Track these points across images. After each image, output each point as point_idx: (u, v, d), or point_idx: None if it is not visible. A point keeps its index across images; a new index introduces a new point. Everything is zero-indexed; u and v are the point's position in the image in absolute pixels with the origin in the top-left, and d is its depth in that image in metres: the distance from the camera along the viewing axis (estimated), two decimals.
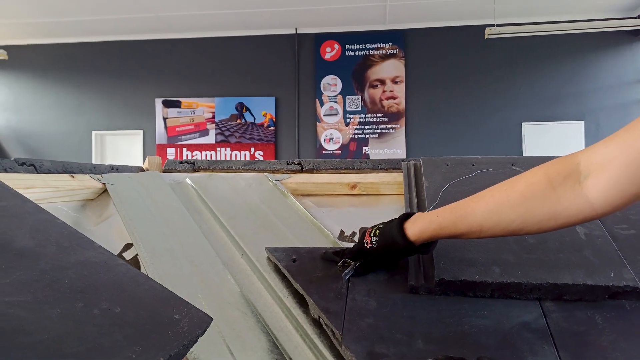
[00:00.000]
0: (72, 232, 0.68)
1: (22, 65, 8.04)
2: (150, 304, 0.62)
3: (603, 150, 0.62)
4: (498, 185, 0.77)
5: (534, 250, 0.93)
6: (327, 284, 0.96)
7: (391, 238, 0.87)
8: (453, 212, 0.79)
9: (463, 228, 0.77)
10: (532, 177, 0.71)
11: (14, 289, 0.52)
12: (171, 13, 6.90)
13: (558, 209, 0.67)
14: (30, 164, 1.04)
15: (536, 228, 0.70)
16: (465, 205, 0.78)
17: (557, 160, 0.70)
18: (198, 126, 7.77)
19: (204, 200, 1.34)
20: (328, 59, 7.55)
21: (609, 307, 0.81)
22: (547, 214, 0.68)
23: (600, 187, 0.61)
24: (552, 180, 0.68)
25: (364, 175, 1.43)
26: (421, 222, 0.84)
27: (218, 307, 0.92)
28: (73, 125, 7.96)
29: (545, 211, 0.68)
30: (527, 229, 0.72)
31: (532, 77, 6.97)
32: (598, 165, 0.62)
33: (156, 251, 1.00)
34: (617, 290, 0.82)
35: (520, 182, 0.73)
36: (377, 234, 0.91)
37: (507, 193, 0.73)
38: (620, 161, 0.58)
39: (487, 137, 7.04)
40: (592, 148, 0.65)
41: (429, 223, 0.82)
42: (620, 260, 0.87)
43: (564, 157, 0.69)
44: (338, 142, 7.50)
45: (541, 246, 0.94)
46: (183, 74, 7.75)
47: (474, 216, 0.76)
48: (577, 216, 0.66)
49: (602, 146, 0.62)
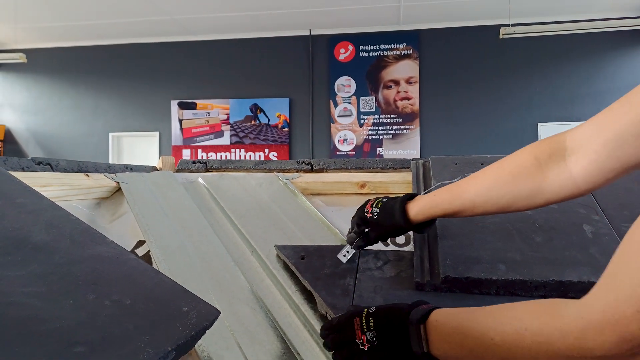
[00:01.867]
0: (86, 228, 0.71)
1: (40, 68, 8.21)
2: (159, 297, 0.65)
3: (587, 128, 0.64)
4: (490, 166, 0.79)
5: (540, 248, 0.93)
6: (335, 281, 0.98)
7: (391, 214, 0.88)
8: (449, 191, 0.83)
9: (457, 205, 0.80)
10: (521, 156, 0.74)
11: (29, 280, 0.54)
12: (187, 16, 6.98)
13: (543, 185, 0.70)
14: (46, 163, 1.07)
15: (524, 204, 0.74)
16: (461, 184, 0.82)
17: (544, 140, 0.73)
18: (213, 127, 7.84)
19: (216, 199, 1.37)
20: (342, 60, 7.56)
21: None
22: (533, 190, 0.71)
23: (582, 164, 0.64)
24: (538, 157, 0.71)
25: (373, 175, 1.44)
26: (421, 202, 0.86)
27: (228, 303, 0.94)
28: (90, 127, 8.10)
29: (531, 187, 0.71)
30: (516, 205, 0.75)
31: (548, 77, 6.89)
32: (581, 143, 0.65)
33: (168, 248, 1.03)
34: None
35: (509, 160, 0.76)
36: (379, 206, 0.92)
37: (497, 172, 0.76)
38: (600, 139, 0.61)
39: (503, 137, 6.97)
40: (577, 127, 0.67)
41: (427, 202, 0.85)
42: None
43: (552, 136, 0.72)
44: (352, 143, 7.50)
45: (547, 244, 0.94)
46: (198, 76, 7.83)
47: (467, 193, 0.79)
48: (560, 192, 0.69)
49: (586, 125, 0.65)
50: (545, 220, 1.04)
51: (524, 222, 1.04)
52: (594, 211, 1.06)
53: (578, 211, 1.06)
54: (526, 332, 0.52)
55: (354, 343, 0.68)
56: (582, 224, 1.03)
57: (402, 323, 0.65)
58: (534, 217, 1.05)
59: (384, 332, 0.66)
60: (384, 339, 0.66)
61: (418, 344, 0.63)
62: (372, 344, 0.66)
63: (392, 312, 0.68)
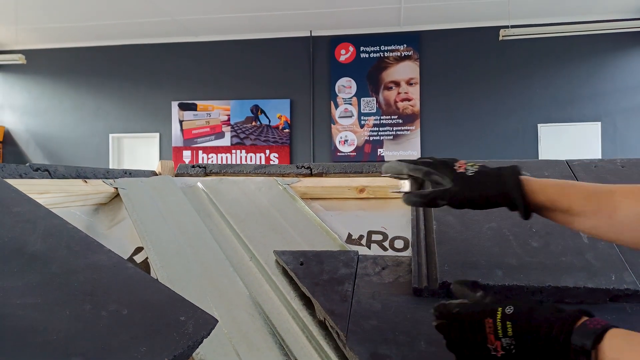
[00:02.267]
0: (83, 237, 0.71)
1: (41, 70, 8.22)
2: (156, 306, 0.65)
3: None
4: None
5: (537, 253, 0.93)
6: (333, 287, 0.98)
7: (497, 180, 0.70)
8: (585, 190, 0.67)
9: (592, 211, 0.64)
10: None
11: (26, 291, 0.54)
12: (187, 17, 6.99)
13: None
14: (44, 170, 1.08)
15: None
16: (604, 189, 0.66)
17: None
18: (214, 129, 7.85)
19: (215, 203, 1.37)
20: (343, 61, 7.57)
21: (610, 309, 0.81)
22: None
23: None
24: None
25: (372, 179, 1.44)
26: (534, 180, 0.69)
27: (226, 309, 0.94)
28: (91, 128, 8.12)
29: None
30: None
31: (548, 78, 6.89)
32: None
33: (166, 254, 1.03)
34: (618, 293, 0.82)
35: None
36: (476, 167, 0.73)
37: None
38: None
39: (503, 138, 6.98)
40: None
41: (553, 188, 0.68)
42: (621, 264, 0.87)
43: None
44: (353, 144, 7.51)
45: (544, 249, 0.94)
46: (199, 77, 7.85)
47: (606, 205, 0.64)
48: None
49: None
50: (542, 226, 1.04)
51: (521, 227, 1.04)
52: None
53: None
54: None
55: (484, 347, 0.56)
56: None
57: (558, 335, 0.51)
58: (531, 222, 1.05)
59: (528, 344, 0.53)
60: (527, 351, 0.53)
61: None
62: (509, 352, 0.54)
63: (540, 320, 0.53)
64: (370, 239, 1.23)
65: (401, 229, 1.24)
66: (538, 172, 1.21)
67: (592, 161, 1.23)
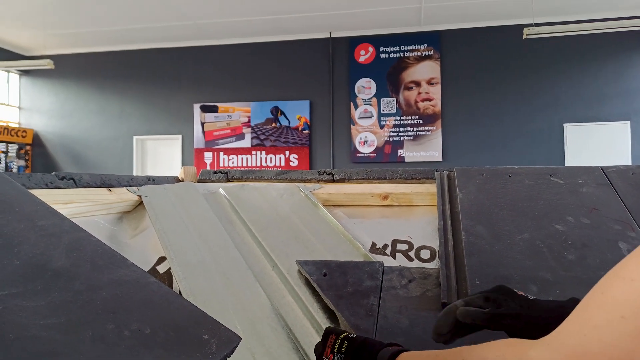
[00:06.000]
0: (107, 250, 0.70)
1: (68, 74, 8.39)
2: (179, 324, 0.63)
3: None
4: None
5: (573, 267, 0.89)
6: (358, 300, 0.95)
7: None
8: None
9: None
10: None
11: (49, 311, 0.53)
12: (209, 20, 7.04)
13: None
14: (69, 178, 1.08)
15: None
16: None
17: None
18: (234, 130, 7.89)
19: (237, 210, 1.35)
20: (362, 62, 7.52)
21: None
22: None
23: None
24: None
25: (396, 186, 1.41)
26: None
27: (249, 322, 0.92)
28: (115, 130, 8.24)
29: None
30: None
31: (574, 76, 6.73)
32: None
33: (189, 265, 1.02)
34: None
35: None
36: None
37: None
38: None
39: (527, 139, 6.83)
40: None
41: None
42: None
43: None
44: (373, 144, 7.45)
45: (580, 263, 0.90)
46: (220, 79, 7.90)
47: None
48: None
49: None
50: (578, 237, 0.99)
51: (555, 238, 0.99)
52: (630, 227, 1.02)
53: (613, 227, 1.02)
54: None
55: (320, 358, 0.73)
56: (618, 240, 0.98)
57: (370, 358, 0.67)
58: (566, 233, 1.01)
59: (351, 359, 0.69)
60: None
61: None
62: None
63: (366, 344, 0.70)
64: (395, 248, 1.20)
65: (427, 238, 1.20)
66: (572, 179, 1.16)
67: (629, 168, 1.18)
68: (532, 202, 1.13)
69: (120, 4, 6.42)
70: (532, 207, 1.10)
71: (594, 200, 1.09)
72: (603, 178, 1.16)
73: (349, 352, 0.70)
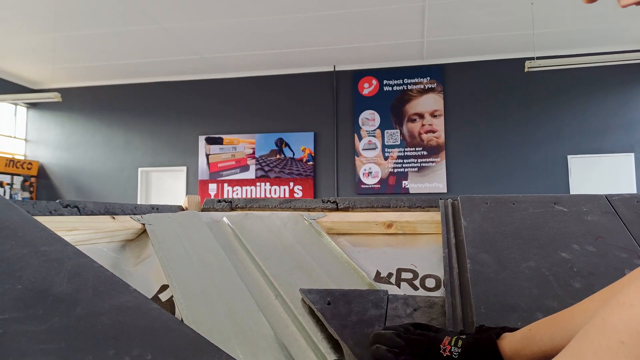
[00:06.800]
0: (109, 276, 0.70)
1: (74, 106, 8.53)
2: (181, 351, 0.62)
3: None
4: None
5: (580, 295, 0.88)
6: (362, 329, 0.94)
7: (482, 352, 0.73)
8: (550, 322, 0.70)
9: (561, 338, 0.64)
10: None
11: (49, 336, 0.53)
12: (215, 54, 7.20)
13: None
14: (74, 206, 1.08)
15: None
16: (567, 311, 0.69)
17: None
18: (239, 162, 7.95)
19: (240, 239, 1.35)
20: (366, 95, 7.63)
21: None
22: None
23: None
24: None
25: (400, 214, 1.41)
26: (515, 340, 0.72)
27: (251, 353, 0.91)
28: (121, 162, 8.32)
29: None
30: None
31: (577, 108, 6.78)
32: None
33: (191, 294, 1.01)
34: None
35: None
36: (459, 345, 0.76)
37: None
38: None
39: (532, 171, 6.84)
40: None
41: (522, 339, 0.71)
42: None
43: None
44: (377, 176, 7.47)
45: (587, 291, 0.88)
46: (225, 111, 8.01)
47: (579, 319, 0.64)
48: None
49: None
50: (584, 265, 0.98)
51: (561, 266, 0.98)
52: (636, 255, 1.01)
53: (619, 255, 1.01)
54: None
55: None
56: (624, 268, 0.97)
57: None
58: (572, 261, 1.00)
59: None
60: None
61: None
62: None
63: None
64: (399, 277, 1.19)
65: (432, 267, 1.19)
66: (576, 207, 1.16)
67: (633, 196, 1.17)
68: (537, 230, 1.12)
69: (128, 39, 6.59)
70: (537, 235, 1.10)
71: (599, 228, 1.09)
72: (608, 206, 1.16)
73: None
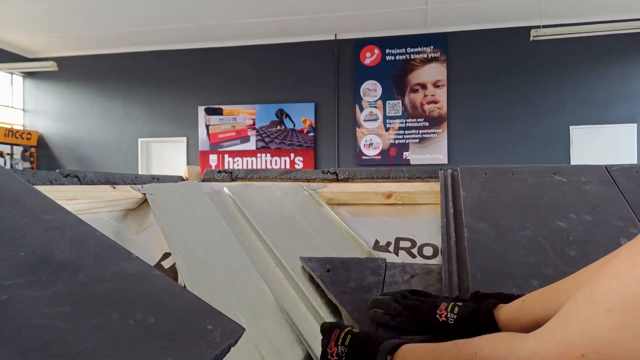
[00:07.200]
0: (111, 244, 0.71)
1: (72, 76, 8.44)
2: (183, 315, 0.64)
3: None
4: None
5: (575, 262, 0.89)
6: (361, 295, 0.96)
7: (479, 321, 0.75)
8: (543, 294, 0.72)
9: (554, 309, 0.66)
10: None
11: (53, 301, 0.54)
12: (214, 22, 7.07)
13: None
14: (74, 176, 1.09)
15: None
16: (560, 283, 0.71)
17: None
18: (239, 133, 7.92)
19: (241, 209, 1.36)
20: (368, 64, 7.53)
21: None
22: None
23: None
24: None
25: (400, 185, 1.41)
26: (511, 310, 0.75)
27: (252, 317, 0.93)
28: (120, 133, 8.29)
29: None
30: None
31: (581, 79, 6.70)
32: None
33: (193, 261, 1.03)
34: None
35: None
36: (455, 311, 0.79)
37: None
38: None
39: (533, 141, 6.81)
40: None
41: (517, 309, 0.74)
42: None
43: None
44: (378, 147, 7.46)
45: (582, 259, 0.90)
46: (224, 81, 7.93)
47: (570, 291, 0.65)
48: None
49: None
50: (580, 234, 0.99)
51: (557, 235, 1.00)
52: (632, 223, 1.02)
53: (615, 224, 1.02)
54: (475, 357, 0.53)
55: (325, 352, 0.76)
56: (620, 237, 0.98)
57: (372, 350, 0.70)
58: (569, 230, 1.01)
59: (354, 352, 0.72)
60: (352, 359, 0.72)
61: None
62: (340, 358, 0.73)
63: (369, 338, 0.73)
64: (398, 245, 1.20)
65: (430, 236, 1.21)
66: (575, 177, 1.16)
67: (633, 166, 1.18)
68: (535, 200, 1.13)
69: (125, 7, 6.47)
70: (535, 204, 1.11)
71: (597, 198, 1.09)
72: (607, 176, 1.16)
73: (352, 345, 0.73)
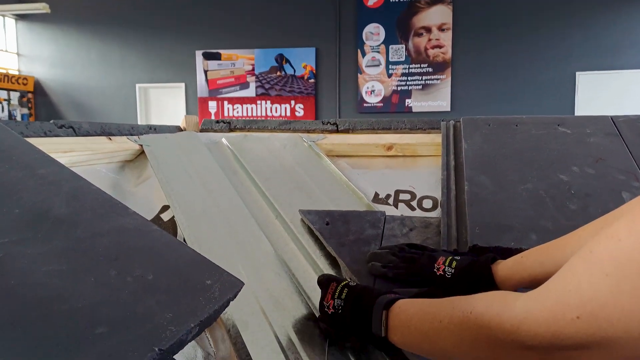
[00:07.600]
0: (107, 199, 0.70)
1: (66, 20, 8.17)
2: (182, 270, 0.64)
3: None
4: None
5: (574, 216, 0.89)
6: (359, 248, 0.96)
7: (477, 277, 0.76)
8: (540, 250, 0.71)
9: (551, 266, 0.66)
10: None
11: (51, 258, 0.54)
12: None
13: None
14: (69, 127, 1.07)
15: None
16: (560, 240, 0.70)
17: None
18: (238, 79, 7.78)
19: (240, 161, 1.35)
20: (371, 6, 7.26)
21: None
22: None
23: None
24: None
25: (400, 136, 1.40)
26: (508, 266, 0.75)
27: (252, 268, 0.94)
28: (118, 79, 8.14)
29: None
30: None
31: (589, 25, 6.49)
32: None
33: (192, 213, 1.03)
34: None
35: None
36: (453, 265, 0.79)
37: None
38: None
39: (539, 89, 6.69)
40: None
41: (514, 265, 0.74)
42: None
43: None
44: (380, 94, 7.34)
45: (582, 212, 0.90)
46: (222, 24, 7.67)
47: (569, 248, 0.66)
48: None
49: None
50: (581, 187, 0.99)
51: (558, 188, 0.99)
52: (635, 177, 1.01)
53: (617, 177, 1.01)
54: (470, 315, 0.53)
55: (322, 304, 0.76)
56: (621, 190, 0.98)
57: (368, 304, 0.69)
58: (570, 183, 1.00)
59: (351, 306, 0.72)
60: (348, 312, 0.71)
61: (378, 327, 0.66)
62: (336, 311, 0.73)
63: (365, 291, 0.72)
64: (397, 198, 1.20)
65: (430, 189, 1.20)
66: (579, 129, 1.14)
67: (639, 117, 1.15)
68: (538, 152, 1.11)
69: None
70: (538, 157, 1.09)
71: (600, 151, 1.08)
72: (612, 128, 1.14)
73: (349, 298, 0.73)
